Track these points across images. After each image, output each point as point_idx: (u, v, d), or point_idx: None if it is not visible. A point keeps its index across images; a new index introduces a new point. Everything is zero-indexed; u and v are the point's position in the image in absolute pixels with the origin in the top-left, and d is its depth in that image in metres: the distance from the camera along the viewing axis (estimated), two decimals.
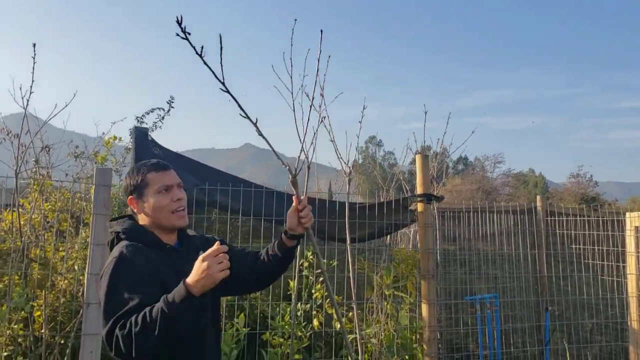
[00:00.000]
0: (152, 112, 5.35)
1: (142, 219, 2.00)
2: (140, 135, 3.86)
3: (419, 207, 4.53)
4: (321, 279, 4.44)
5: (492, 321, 5.41)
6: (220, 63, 1.67)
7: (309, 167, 3.98)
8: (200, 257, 1.71)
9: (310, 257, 4.35)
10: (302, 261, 4.40)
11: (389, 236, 6.13)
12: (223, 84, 1.73)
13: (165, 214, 1.95)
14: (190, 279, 1.70)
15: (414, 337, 4.57)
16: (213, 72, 1.71)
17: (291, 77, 2.46)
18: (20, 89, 4.07)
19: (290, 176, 2.06)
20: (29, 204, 4.84)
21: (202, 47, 1.68)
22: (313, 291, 4.40)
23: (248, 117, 1.85)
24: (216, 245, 1.73)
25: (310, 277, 4.38)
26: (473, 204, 5.64)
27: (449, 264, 5.93)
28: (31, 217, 4.77)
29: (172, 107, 5.37)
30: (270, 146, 2.00)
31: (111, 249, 1.95)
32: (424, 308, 4.51)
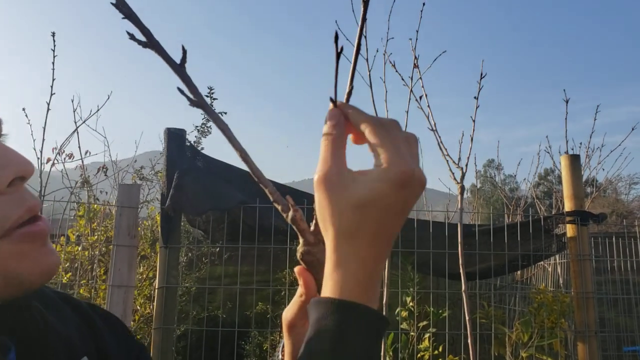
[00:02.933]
0: (209, 121, 4.44)
1: None
2: (174, 139, 2.88)
3: (569, 230, 3.12)
4: (427, 335, 3.15)
5: None
6: None
7: None
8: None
9: (411, 304, 3.08)
10: (398, 310, 3.13)
11: (517, 272, 4.73)
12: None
13: None
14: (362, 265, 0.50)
15: None
16: None
17: (365, 37, 1.40)
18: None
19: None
20: (73, 234, 4.11)
21: None
22: (417, 349, 3.12)
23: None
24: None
25: (412, 333, 3.09)
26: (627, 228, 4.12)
27: (598, 303, 4.45)
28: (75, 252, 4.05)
29: (213, 98, 4.38)
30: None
31: None
32: None
